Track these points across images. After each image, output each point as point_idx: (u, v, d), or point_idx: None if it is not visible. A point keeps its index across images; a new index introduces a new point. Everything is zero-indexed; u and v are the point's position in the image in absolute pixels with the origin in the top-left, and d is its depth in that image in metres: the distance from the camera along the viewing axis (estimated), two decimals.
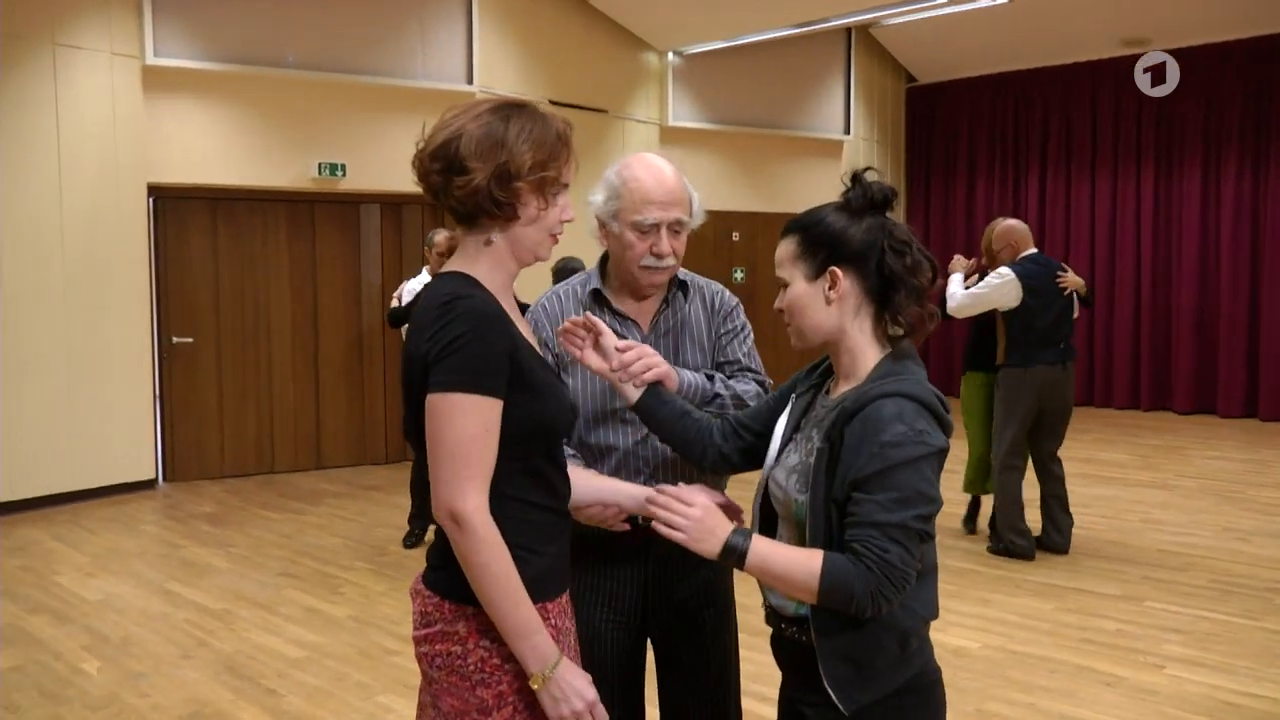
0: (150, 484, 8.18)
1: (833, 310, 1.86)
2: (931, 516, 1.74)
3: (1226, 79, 11.08)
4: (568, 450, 2.24)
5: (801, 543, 1.82)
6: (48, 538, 6.69)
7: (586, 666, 1.97)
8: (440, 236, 6.58)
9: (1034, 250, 6.07)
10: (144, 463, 8.14)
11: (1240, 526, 6.58)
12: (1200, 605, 5.12)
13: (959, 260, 6.22)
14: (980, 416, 6.25)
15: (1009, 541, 5.93)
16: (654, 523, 1.83)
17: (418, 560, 6.03)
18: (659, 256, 2.37)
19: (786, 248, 1.91)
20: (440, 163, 1.83)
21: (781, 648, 1.95)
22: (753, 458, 2.09)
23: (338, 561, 6.14)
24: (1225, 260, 11.11)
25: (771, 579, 1.77)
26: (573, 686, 1.77)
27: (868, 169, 1.92)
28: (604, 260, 2.53)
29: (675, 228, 2.39)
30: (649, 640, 2.53)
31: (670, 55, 10.99)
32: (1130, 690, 4.14)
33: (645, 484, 2.46)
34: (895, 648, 1.79)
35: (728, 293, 2.62)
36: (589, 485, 2.10)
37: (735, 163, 11.59)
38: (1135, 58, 11.47)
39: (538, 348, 1.92)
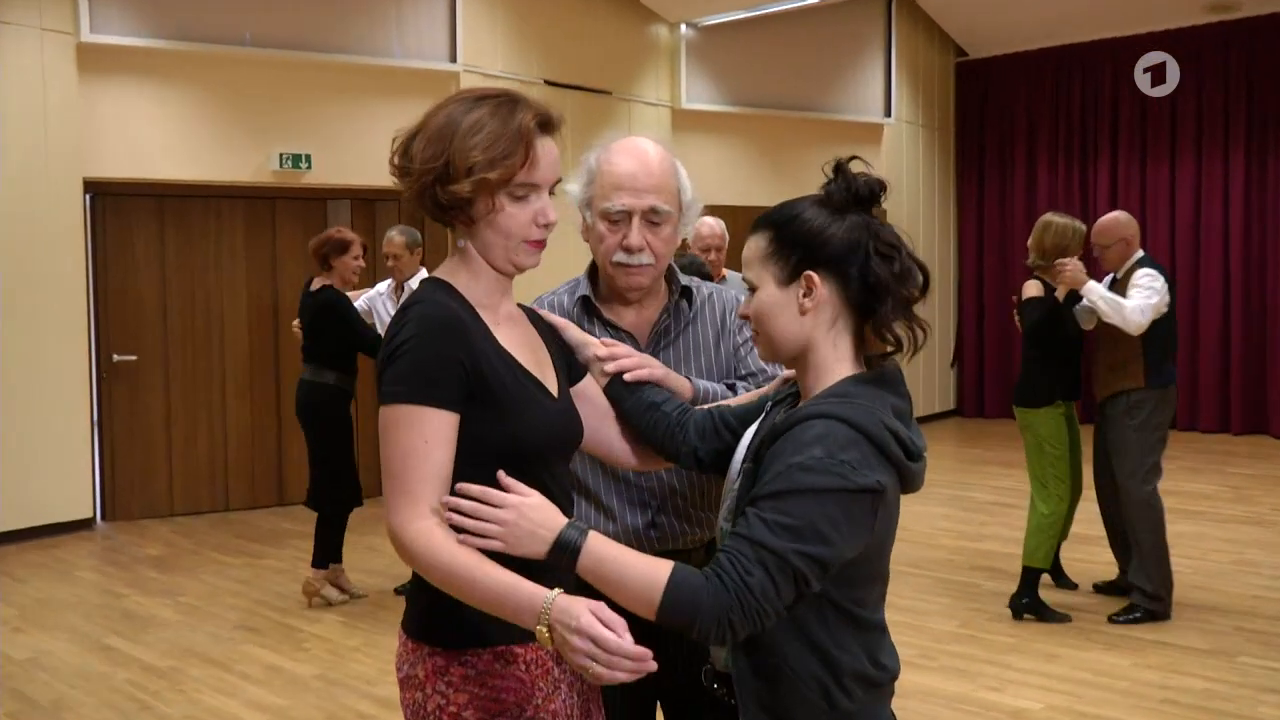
0: (87, 523, 8.20)
1: (805, 320, 1.85)
2: (821, 561, 1.70)
3: None
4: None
5: None
6: None
7: None
8: (396, 234, 6.64)
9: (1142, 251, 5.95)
10: (80, 499, 8.17)
11: None
12: None
13: (1075, 263, 5.70)
14: (1075, 453, 5.96)
15: (1156, 597, 5.67)
16: (461, 535, 1.77)
17: (395, 612, 6.01)
18: (629, 251, 2.35)
19: (756, 245, 1.89)
20: (400, 161, 1.93)
21: (715, 711, 1.97)
22: (728, 460, 2.07)
23: (302, 613, 6.14)
24: None
25: (607, 585, 1.74)
26: (568, 627, 1.68)
27: (853, 158, 1.92)
28: (594, 264, 2.53)
29: (651, 218, 2.36)
30: (658, 704, 2.54)
31: (683, 28, 11.04)
32: None
33: (653, 519, 2.48)
34: (819, 700, 1.78)
35: (742, 298, 2.62)
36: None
37: (758, 150, 11.62)
38: (1221, 25, 11.49)
39: (521, 360, 1.95)
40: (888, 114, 12.44)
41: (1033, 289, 5.87)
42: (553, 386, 2.01)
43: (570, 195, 2.43)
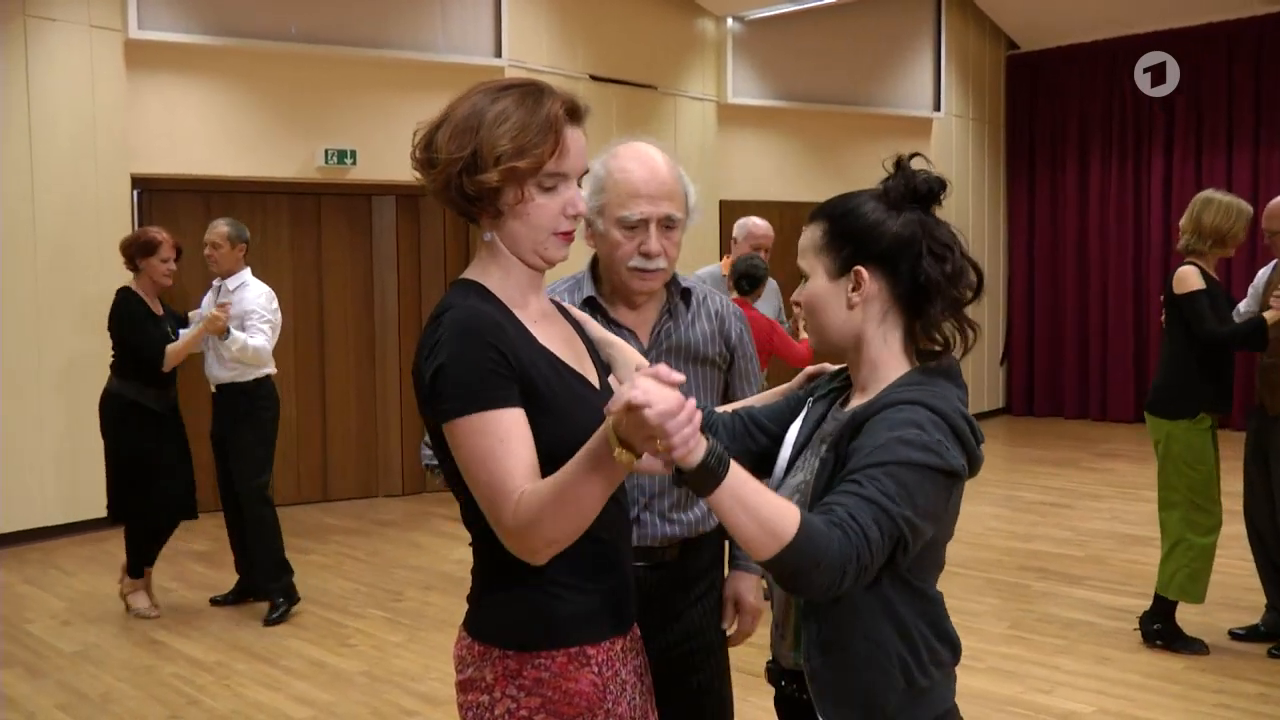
0: None
1: (854, 314, 1.88)
2: (917, 531, 1.72)
3: None
4: None
5: None
6: (17, 580, 6.82)
7: None
8: (222, 224, 6.29)
9: None
10: None
11: None
12: None
13: None
14: (1217, 471, 5.29)
15: None
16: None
17: (440, 608, 6.08)
18: (647, 256, 2.45)
19: (810, 236, 1.93)
20: (424, 154, 1.92)
21: (783, 707, 2.00)
22: (763, 463, 2.06)
23: (347, 608, 6.20)
24: None
25: (744, 507, 1.61)
26: (623, 399, 1.56)
27: (915, 155, 1.92)
28: (594, 263, 2.62)
29: (666, 224, 2.46)
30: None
31: (729, 21, 11.02)
32: None
33: (637, 517, 2.55)
34: (899, 676, 1.79)
35: (733, 306, 2.70)
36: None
37: (806, 146, 11.58)
38: (1277, 17, 11.33)
39: (563, 357, 1.94)
40: (937, 108, 12.35)
41: (1193, 279, 5.12)
42: (594, 378, 2.00)
43: None
